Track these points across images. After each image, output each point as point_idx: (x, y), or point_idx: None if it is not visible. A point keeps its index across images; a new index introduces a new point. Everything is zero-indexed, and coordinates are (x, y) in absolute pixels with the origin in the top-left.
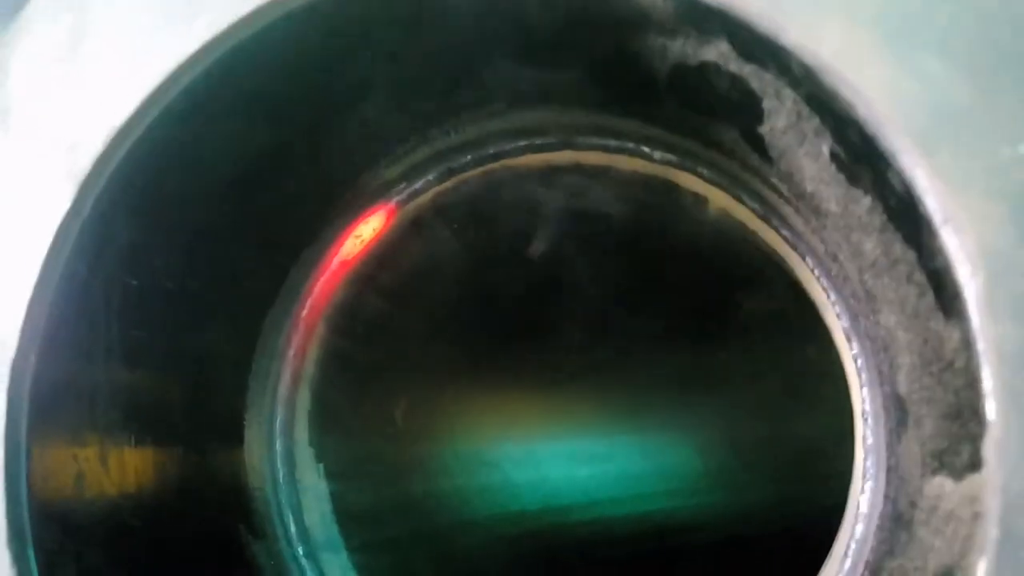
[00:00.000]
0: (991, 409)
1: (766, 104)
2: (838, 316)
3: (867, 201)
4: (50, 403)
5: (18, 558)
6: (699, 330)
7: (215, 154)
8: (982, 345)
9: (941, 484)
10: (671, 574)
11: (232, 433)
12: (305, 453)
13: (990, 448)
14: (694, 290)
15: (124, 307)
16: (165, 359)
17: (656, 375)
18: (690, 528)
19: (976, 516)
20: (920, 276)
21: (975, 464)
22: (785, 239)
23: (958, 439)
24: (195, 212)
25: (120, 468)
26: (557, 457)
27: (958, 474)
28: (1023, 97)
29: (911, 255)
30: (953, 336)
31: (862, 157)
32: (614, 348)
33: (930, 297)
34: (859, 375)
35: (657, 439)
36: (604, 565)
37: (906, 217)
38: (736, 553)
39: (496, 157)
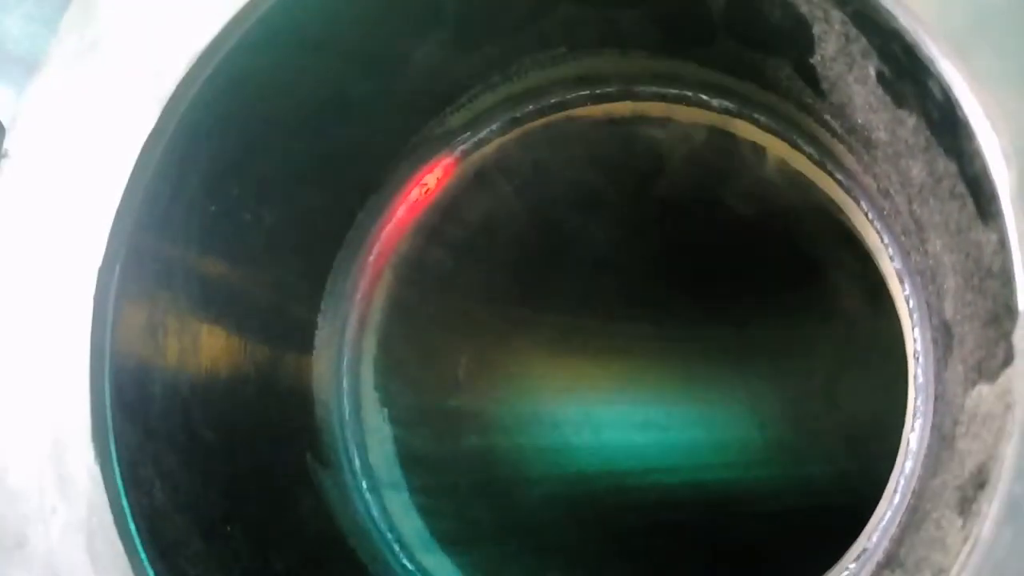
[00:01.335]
0: (1021, 300)
1: (816, 29)
2: (891, 258)
3: (912, 120)
4: (132, 310)
5: (101, 452)
6: (761, 289)
7: (288, 87)
8: (1014, 239)
9: (979, 392)
10: (727, 539)
11: (302, 365)
12: (370, 396)
13: (1020, 337)
14: (756, 247)
15: (203, 231)
16: (240, 284)
17: (718, 336)
18: (746, 494)
19: (1008, 407)
20: (961, 187)
21: (1008, 359)
22: (840, 183)
23: (994, 342)
24: (270, 144)
25: (196, 378)
26: (615, 422)
27: (994, 375)
28: None
29: (952, 167)
30: (991, 239)
31: (905, 71)
32: (674, 308)
33: (970, 206)
34: (911, 316)
35: (716, 404)
36: (658, 531)
37: (947, 127)
38: (795, 513)
39: (558, 107)
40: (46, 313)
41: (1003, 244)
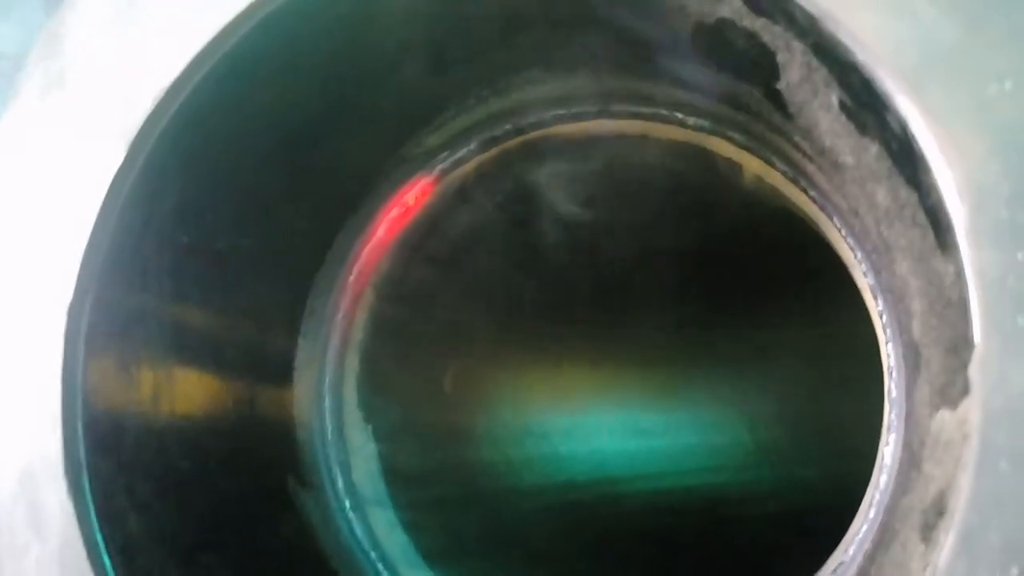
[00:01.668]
0: (976, 333)
1: (780, 58)
2: (864, 274)
3: (875, 148)
4: (104, 344)
5: (73, 486)
6: (741, 299)
7: (259, 116)
8: (969, 273)
9: (942, 418)
10: (714, 545)
11: (283, 388)
12: (354, 414)
13: (975, 369)
14: (735, 259)
15: (176, 264)
16: (216, 314)
17: (698, 345)
18: (735, 499)
19: (965, 437)
20: (921, 216)
21: (966, 389)
22: (813, 200)
23: (954, 370)
24: (242, 173)
25: (171, 407)
26: (602, 430)
27: (954, 403)
28: (1009, 35)
29: (913, 196)
30: (949, 270)
31: (865, 103)
32: (656, 318)
33: (930, 236)
34: (884, 331)
35: (700, 410)
36: (646, 539)
37: (906, 158)
38: (781, 519)
39: (535, 126)
40: (16, 349)
41: (959, 276)
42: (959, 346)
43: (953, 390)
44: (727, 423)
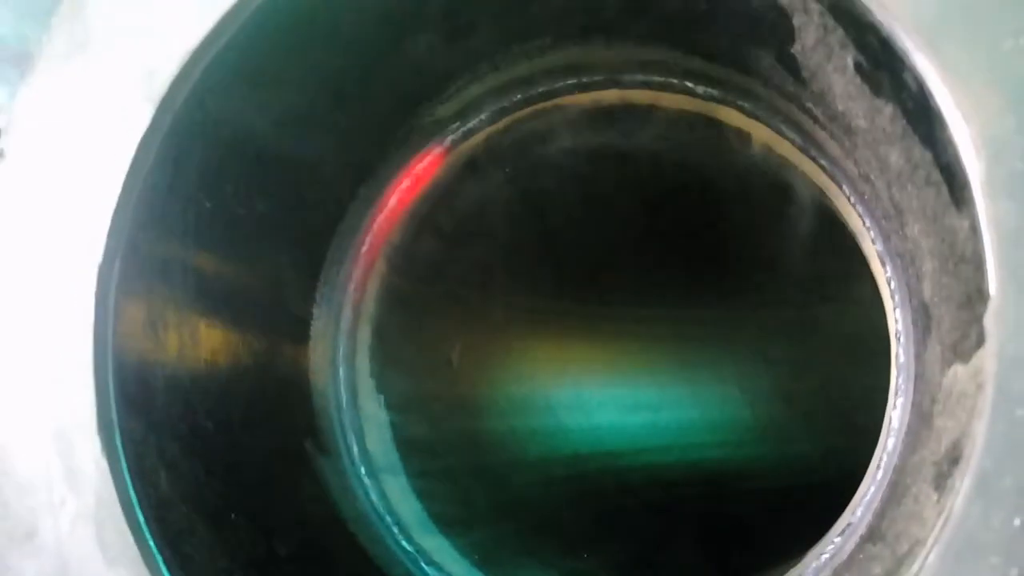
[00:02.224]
0: (992, 284)
1: (796, 20)
2: (873, 241)
3: (889, 110)
4: (132, 304)
5: (107, 444)
6: (746, 270)
7: (279, 81)
8: (984, 224)
9: (955, 372)
10: (718, 516)
11: (299, 356)
12: (367, 384)
13: (990, 319)
14: (741, 230)
15: (199, 226)
16: (236, 277)
17: (706, 320)
18: (738, 471)
19: (979, 387)
20: (936, 175)
21: (980, 340)
22: (823, 168)
23: (968, 324)
24: (259, 139)
25: (196, 369)
26: (608, 403)
27: (967, 356)
28: None
29: (928, 155)
30: (964, 225)
31: (881, 62)
32: (662, 290)
33: (944, 193)
34: (892, 297)
35: (704, 383)
36: (651, 509)
37: (921, 116)
38: (784, 490)
39: (546, 96)
40: (49, 311)
41: (975, 230)
42: (973, 299)
43: (967, 343)
44: (731, 396)
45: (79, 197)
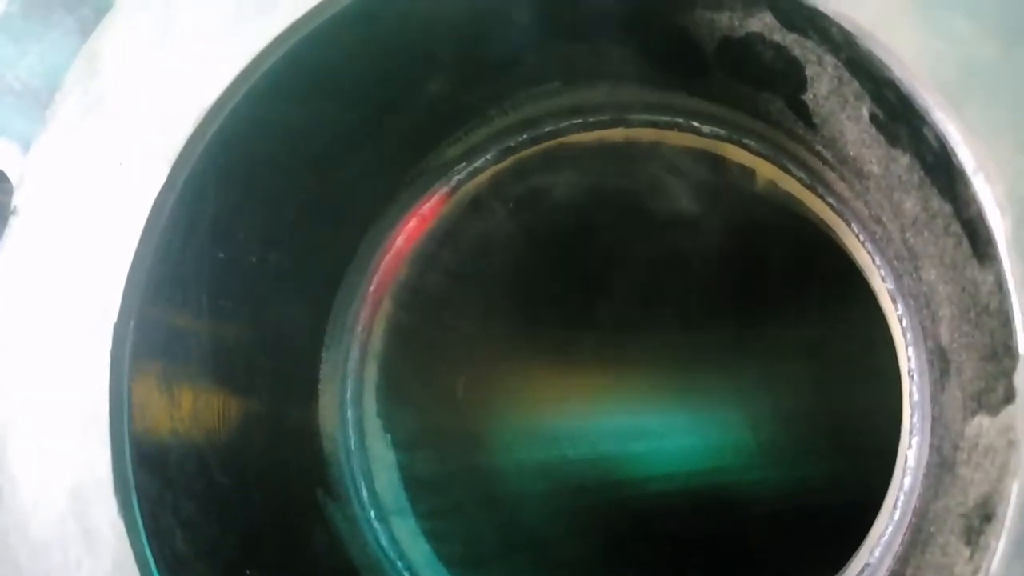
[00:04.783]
0: (1021, 343)
1: (809, 71)
2: (883, 279)
3: (906, 160)
4: (147, 363)
5: (124, 505)
6: (752, 303)
7: (292, 134)
8: (1012, 283)
9: (980, 423)
10: (728, 546)
11: (308, 400)
12: (374, 424)
13: (1021, 379)
14: (746, 262)
15: (212, 278)
16: (248, 327)
17: (710, 349)
18: (744, 498)
19: (1011, 444)
20: (956, 227)
21: (1009, 397)
22: (831, 206)
23: (994, 377)
24: (272, 189)
25: (210, 424)
26: (613, 434)
27: (995, 409)
28: None
29: (947, 207)
30: (988, 280)
31: (899, 116)
32: (668, 324)
33: (966, 246)
34: (904, 335)
35: (711, 413)
36: (659, 539)
37: (941, 171)
38: (791, 520)
39: (551, 136)
40: (63, 370)
41: (1000, 286)
42: (1000, 354)
43: (993, 396)
44: (738, 426)
45: (93, 255)
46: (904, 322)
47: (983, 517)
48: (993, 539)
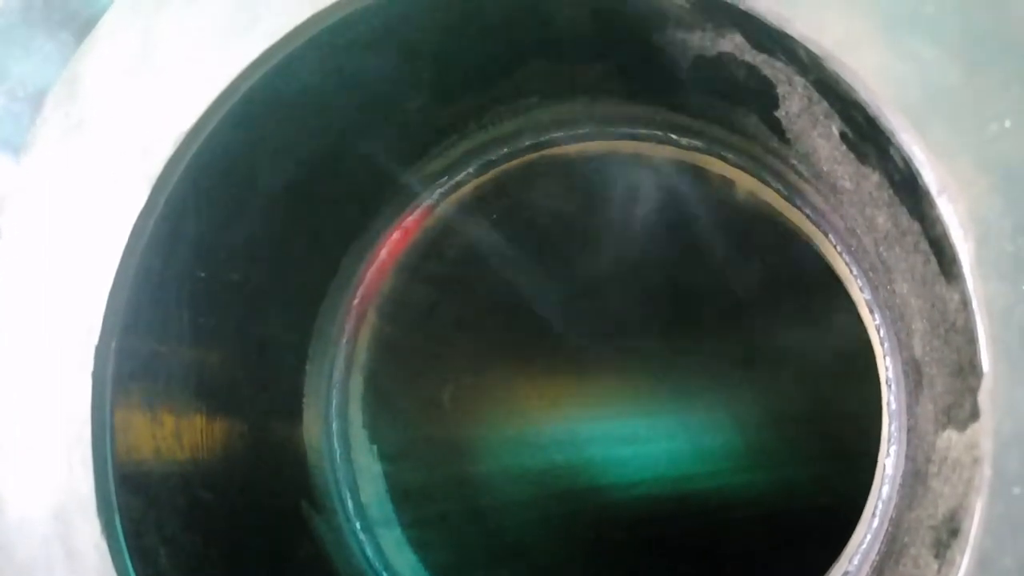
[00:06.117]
0: (985, 361)
1: (780, 90)
2: (860, 289)
3: (876, 177)
4: (129, 383)
5: (107, 525)
6: (734, 311)
7: (273, 154)
8: (975, 303)
9: (949, 436)
10: (714, 550)
11: (293, 414)
12: (359, 435)
13: (985, 397)
14: (727, 271)
15: (194, 297)
16: (231, 344)
17: (693, 356)
18: (730, 503)
19: (975, 460)
20: (924, 245)
21: (975, 414)
22: (808, 217)
23: (962, 393)
24: (253, 207)
25: (192, 441)
26: (599, 439)
27: (962, 425)
28: (1007, 77)
29: (916, 226)
30: (954, 298)
31: (867, 136)
32: (650, 332)
33: (934, 263)
34: (882, 344)
35: (696, 420)
36: (647, 545)
37: (909, 190)
38: (774, 525)
39: (532, 149)
40: (44, 392)
41: (965, 305)
42: (966, 370)
43: (961, 412)
44: (720, 432)
45: (75, 277)
46: (881, 332)
47: (951, 531)
48: (959, 554)
